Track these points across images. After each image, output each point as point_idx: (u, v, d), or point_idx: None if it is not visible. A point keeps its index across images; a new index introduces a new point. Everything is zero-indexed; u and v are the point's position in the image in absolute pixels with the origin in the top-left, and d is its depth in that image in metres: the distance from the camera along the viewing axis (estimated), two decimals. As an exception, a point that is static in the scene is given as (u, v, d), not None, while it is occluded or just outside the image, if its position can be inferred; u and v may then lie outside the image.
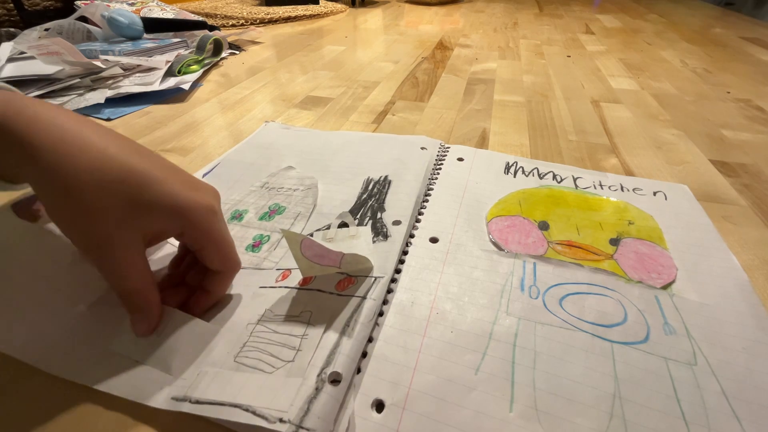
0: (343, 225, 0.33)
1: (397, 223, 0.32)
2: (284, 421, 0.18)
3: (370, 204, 0.35)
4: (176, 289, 0.26)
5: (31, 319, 0.23)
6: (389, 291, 0.27)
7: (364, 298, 0.25)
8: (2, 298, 0.23)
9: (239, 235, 0.33)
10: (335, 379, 0.20)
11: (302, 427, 0.18)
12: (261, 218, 0.34)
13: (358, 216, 0.34)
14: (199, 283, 0.25)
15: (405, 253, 0.30)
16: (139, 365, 0.22)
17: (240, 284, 0.28)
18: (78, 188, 0.19)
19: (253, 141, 0.47)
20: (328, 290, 0.26)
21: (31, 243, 0.25)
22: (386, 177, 0.39)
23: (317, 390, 0.20)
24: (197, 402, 0.20)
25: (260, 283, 0.28)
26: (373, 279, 0.26)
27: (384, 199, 0.35)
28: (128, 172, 0.20)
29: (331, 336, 0.23)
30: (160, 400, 0.21)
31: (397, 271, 0.28)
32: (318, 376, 0.20)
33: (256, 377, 0.21)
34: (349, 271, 0.27)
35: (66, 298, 0.25)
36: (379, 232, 0.31)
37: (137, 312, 0.22)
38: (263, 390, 0.20)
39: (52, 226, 0.26)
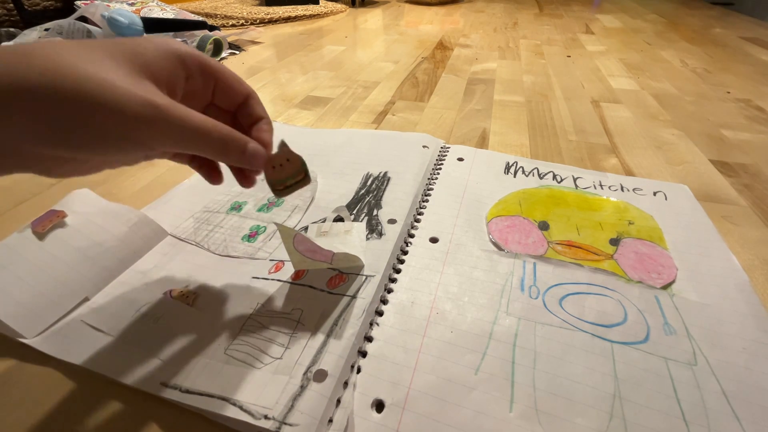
0: (339, 219, 0.33)
1: (392, 221, 0.32)
2: (269, 418, 0.19)
3: (367, 200, 0.35)
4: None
5: (35, 309, 0.24)
6: (389, 291, 0.27)
7: (354, 297, 0.25)
8: (12, 294, 0.24)
9: (236, 225, 0.33)
10: (321, 376, 0.21)
11: (285, 423, 0.19)
12: (259, 209, 0.35)
13: (354, 211, 0.34)
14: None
15: (405, 252, 0.30)
16: (130, 348, 0.23)
17: (233, 274, 0.28)
18: (101, 81, 0.16)
19: None
20: (320, 287, 0.26)
21: (34, 246, 0.26)
22: (386, 173, 0.39)
23: (302, 388, 0.20)
24: (187, 391, 0.20)
25: (253, 273, 0.28)
26: (364, 277, 0.27)
27: (381, 196, 0.35)
28: (132, 44, 0.19)
29: (319, 336, 0.23)
30: (148, 384, 0.21)
31: (397, 271, 0.29)
32: (304, 374, 0.21)
33: (245, 372, 0.21)
34: (341, 267, 0.27)
35: (67, 289, 0.25)
36: (374, 230, 0.31)
37: (240, 152, 0.21)
38: (251, 385, 0.20)
39: (57, 234, 0.27)
